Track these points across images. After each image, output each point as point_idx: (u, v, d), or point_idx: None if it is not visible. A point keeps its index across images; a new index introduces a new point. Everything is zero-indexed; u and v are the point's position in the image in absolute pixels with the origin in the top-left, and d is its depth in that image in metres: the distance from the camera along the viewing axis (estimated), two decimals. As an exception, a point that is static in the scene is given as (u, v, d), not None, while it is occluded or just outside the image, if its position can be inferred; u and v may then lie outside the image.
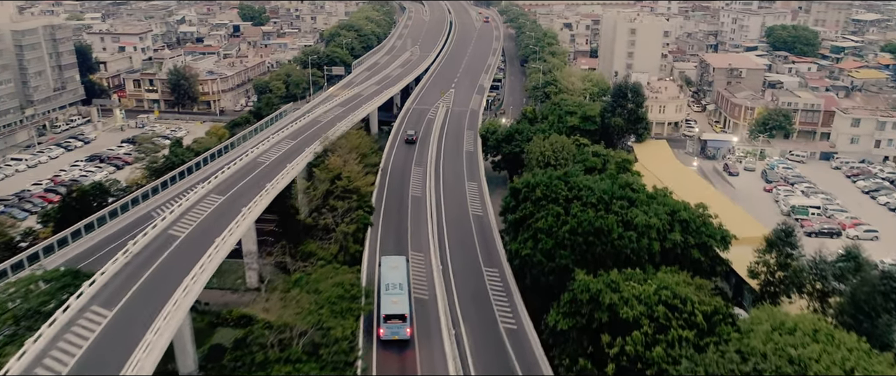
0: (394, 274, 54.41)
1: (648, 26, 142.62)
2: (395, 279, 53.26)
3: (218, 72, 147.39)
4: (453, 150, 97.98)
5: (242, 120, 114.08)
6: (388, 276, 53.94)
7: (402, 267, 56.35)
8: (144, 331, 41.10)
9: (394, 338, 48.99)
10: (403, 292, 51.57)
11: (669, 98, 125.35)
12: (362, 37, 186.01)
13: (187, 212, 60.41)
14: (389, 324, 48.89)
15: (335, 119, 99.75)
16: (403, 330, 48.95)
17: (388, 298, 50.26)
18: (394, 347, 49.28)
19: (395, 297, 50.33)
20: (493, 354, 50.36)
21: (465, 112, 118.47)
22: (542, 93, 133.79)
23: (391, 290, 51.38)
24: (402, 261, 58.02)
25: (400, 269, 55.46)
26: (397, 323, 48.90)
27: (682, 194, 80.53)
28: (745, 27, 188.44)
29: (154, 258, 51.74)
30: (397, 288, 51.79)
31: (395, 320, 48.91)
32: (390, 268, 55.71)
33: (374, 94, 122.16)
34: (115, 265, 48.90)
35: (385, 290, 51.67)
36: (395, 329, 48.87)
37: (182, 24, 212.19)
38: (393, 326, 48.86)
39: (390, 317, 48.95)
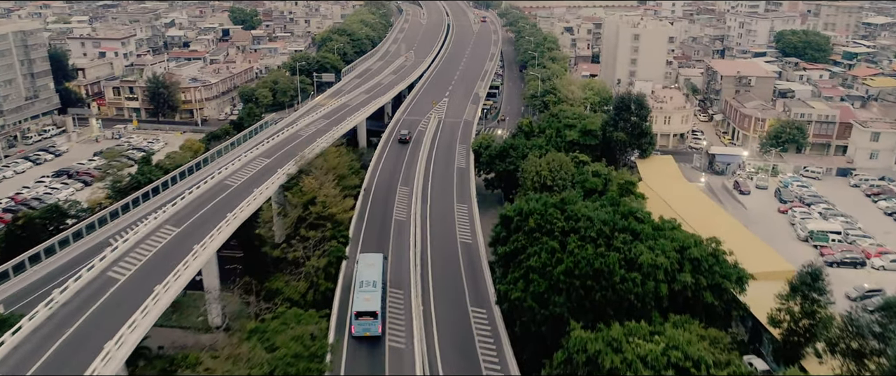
0: (369, 271, 55.06)
1: (653, 32, 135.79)
2: (369, 277, 53.92)
3: (202, 79, 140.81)
4: (443, 167, 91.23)
5: (221, 132, 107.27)
6: (364, 274, 54.60)
7: (379, 264, 56.69)
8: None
9: (365, 335, 49.67)
10: (376, 290, 52.14)
11: (675, 108, 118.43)
12: (355, 41, 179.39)
13: (135, 248, 53.61)
14: (360, 321, 49.57)
15: (317, 133, 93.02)
16: (375, 327, 49.63)
17: (361, 295, 51.20)
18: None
19: (367, 295, 51.11)
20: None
21: (459, 123, 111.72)
22: (540, 102, 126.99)
23: (365, 288, 52.20)
24: (379, 259, 58.19)
25: (376, 267, 56.03)
26: (368, 320, 49.60)
27: (690, 218, 73.91)
28: (753, 32, 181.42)
29: (85, 307, 44.97)
30: (371, 285, 52.49)
31: (366, 317, 49.56)
32: (367, 266, 56.36)
33: (362, 104, 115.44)
34: (37, 319, 42.14)
35: (359, 288, 52.53)
36: (367, 325, 49.58)
37: (171, 28, 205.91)
38: (364, 323, 49.56)
39: (361, 314, 49.58)
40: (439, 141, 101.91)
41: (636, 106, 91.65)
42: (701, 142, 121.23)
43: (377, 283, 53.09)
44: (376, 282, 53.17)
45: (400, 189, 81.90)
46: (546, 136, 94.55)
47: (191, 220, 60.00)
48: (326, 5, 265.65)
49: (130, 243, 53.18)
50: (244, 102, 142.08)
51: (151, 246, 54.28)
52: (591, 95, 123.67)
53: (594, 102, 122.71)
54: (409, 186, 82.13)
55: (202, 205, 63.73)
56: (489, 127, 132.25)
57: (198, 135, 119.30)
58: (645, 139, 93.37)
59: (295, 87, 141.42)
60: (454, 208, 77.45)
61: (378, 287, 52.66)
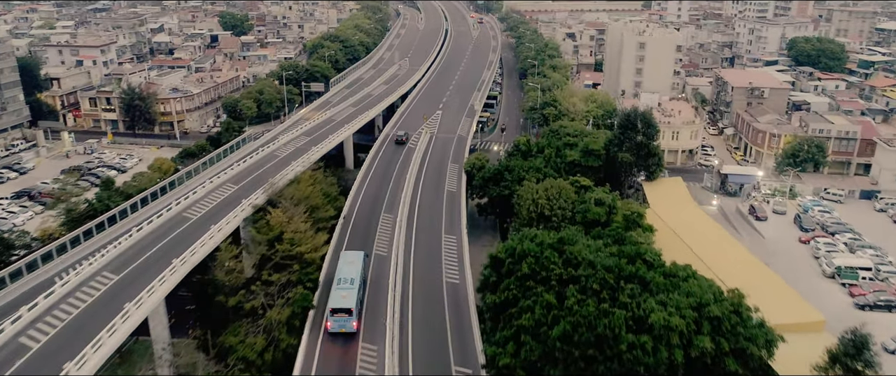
0: (348, 268, 55.62)
1: (659, 40, 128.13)
2: (347, 274, 54.45)
3: (183, 89, 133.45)
4: (432, 190, 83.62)
5: (197, 149, 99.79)
6: (343, 271, 55.26)
7: (359, 262, 57.17)
8: None
9: (341, 331, 50.61)
10: (353, 287, 52.70)
11: (684, 123, 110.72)
12: (348, 48, 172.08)
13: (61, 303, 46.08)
14: (336, 317, 50.49)
15: (295, 153, 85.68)
16: (349, 324, 50.58)
17: (337, 292, 51.98)
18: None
19: (344, 292, 51.90)
20: None
21: (452, 139, 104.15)
22: (539, 115, 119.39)
23: (342, 285, 52.89)
24: (360, 257, 58.53)
25: (355, 264, 56.63)
26: (343, 317, 50.44)
27: (705, 253, 66.31)
28: (763, 38, 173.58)
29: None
30: (348, 282, 53.21)
31: (341, 314, 50.42)
32: (347, 263, 56.88)
33: (349, 118, 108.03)
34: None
35: (336, 285, 53.20)
36: (342, 322, 50.54)
37: (159, 33, 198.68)
38: (339, 319, 50.53)
39: (337, 311, 50.47)
40: (430, 159, 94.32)
41: (643, 124, 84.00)
42: (711, 159, 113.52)
43: (355, 281, 53.64)
44: (354, 280, 53.73)
45: (383, 217, 74.35)
46: (545, 156, 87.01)
47: (133, 266, 52.41)
48: (322, 9, 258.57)
49: (55, 297, 45.58)
50: (228, 114, 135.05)
51: (80, 300, 46.75)
52: (594, 108, 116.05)
53: (597, 116, 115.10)
54: (394, 213, 74.58)
55: (150, 245, 56.26)
56: (486, 141, 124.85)
57: (176, 149, 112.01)
58: (652, 160, 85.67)
59: (281, 97, 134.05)
60: (441, 240, 69.81)
61: (355, 284, 53.17)
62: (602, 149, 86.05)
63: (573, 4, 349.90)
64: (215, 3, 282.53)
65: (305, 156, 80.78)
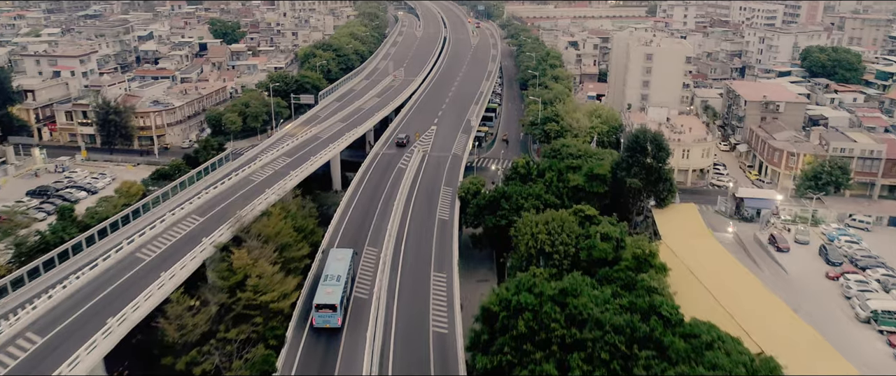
0: (336, 265, 56.48)
1: (668, 51, 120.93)
2: (334, 271, 55.28)
3: (164, 101, 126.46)
4: (423, 218, 76.29)
5: (171, 169, 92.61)
6: (330, 267, 56.20)
7: (347, 260, 57.92)
8: None
9: (325, 326, 51.66)
10: (339, 284, 53.50)
11: (695, 141, 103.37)
12: (341, 57, 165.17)
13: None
14: (320, 313, 51.47)
15: (274, 177, 78.54)
16: (334, 319, 51.55)
17: (323, 288, 52.71)
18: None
19: (329, 288, 52.72)
20: None
21: (446, 159, 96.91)
22: (540, 131, 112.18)
23: (328, 281, 53.70)
24: (348, 254, 59.31)
25: (343, 262, 57.43)
26: (328, 313, 51.40)
27: (726, 297, 58.99)
28: (775, 47, 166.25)
29: None
30: (334, 279, 54.01)
31: (325, 309, 51.36)
32: (335, 260, 57.71)
33: (336, 136, 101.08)
34: None
35: (323, 281, 53.97)
36: (326, 317, 51.54)
37: (148, 41, 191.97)
38: (324, 315, 51.50)
39: (321, 307, 51.37)
40: (421, 182, 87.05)
41: (653, 146, 76.69)
42: (724, 179, 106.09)
43: (341, 278, 54.50)
44: (340, 277, 54.60)
45: (366, 250, 67.10)
46: (546, 181, 79.70)
47: (67, 322, 45.17)
48: (318, 16, 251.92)
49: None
50: (211, 128, 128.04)
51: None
52: (599, 124, 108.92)
53: (602, 132, 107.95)
54: (379, 246, 67.31)
55: (90, 295, 48.96)
56: (483, 158, 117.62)
57: (153, 167, 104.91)
58: (663, 185, 78.33)
59: (268, 110, 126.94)
60: (430, 280, 62.48)
61: (341, 281, 54.08)
62: (608, 173, 78.76)
63: (575, 10, 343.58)
64: (209, 10, 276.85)
65: (282, 182, 73.48)
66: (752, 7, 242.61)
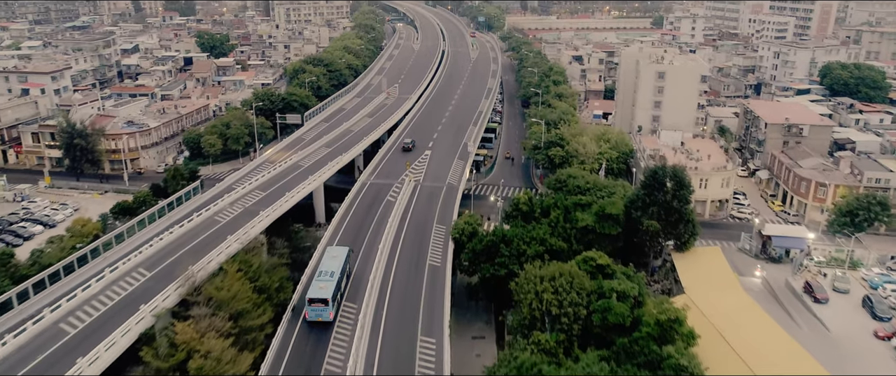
0: (330, 262, 58.40)
1: (681, 69, 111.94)
2: (328, 267, 57.23)
3: (139, 122, 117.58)
4: (411, 264, 66.86)
5: (137, 201, 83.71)
6: (325, 264, 58.24)
7: (342, 257, 59.77)
8: None
9: (318, 320, 53.45)
10: (332, 279, 55.18)
11: (714, 169, 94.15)
12: (332, 73, 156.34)
13: None
14: (313, 307, 53.38)
15: (242, 217, 69.28)
16: (326, 313, 53.49)
17: (316, 283, 54.65)
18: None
19: (322, 283, 54.66)
20: None
21: (440, 190, 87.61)
22: (544, 156, 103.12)
23: (321, 277, 55.50)
24: (344, 252, 61.12)
25: (338, 259, 59.27)
26: (320, 307, 53.34)
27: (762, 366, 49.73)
28: (791, 63, 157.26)
29: None
30: (328, 275, 55.74)
31: (318, 303, 53.28)
32: (330, 258, 59.83)
33: (319, 163, 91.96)
34: None
35: (317, 277, 55.75)
36: (319, 311, 53.48)
37: (133, 54, 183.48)
38: (316, 309, 53.44)
39: (314, 301, 53.28)
40: (411, 219, 77.68)
41: (673, 183, 67.44)
42: (745, 211, 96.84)
43: (335, 274, 56.30)
44: (334, 273, 56.36)
45: (345, 307, 57.79)
46: (551, 220, 70.37)
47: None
48: (313, 28, 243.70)
49: None
50: (190, 151, 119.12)
51: None
52: (607, 150, 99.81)
53: (611, 159, 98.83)
54: (358, 301, 57.98)
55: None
56: (481, 185, 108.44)
57: (122, 196, 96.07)
58: (684, 227, 69.00)
59: (251, 131, 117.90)
60: (416, 347, 52.98)
61: (334, 277, 55.79)
62: (621, 213, 69.47)
63: (578, 22, 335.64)
64: (202, 21, 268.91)
65: (249, 225, 64.10)
66: (762, 19, 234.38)
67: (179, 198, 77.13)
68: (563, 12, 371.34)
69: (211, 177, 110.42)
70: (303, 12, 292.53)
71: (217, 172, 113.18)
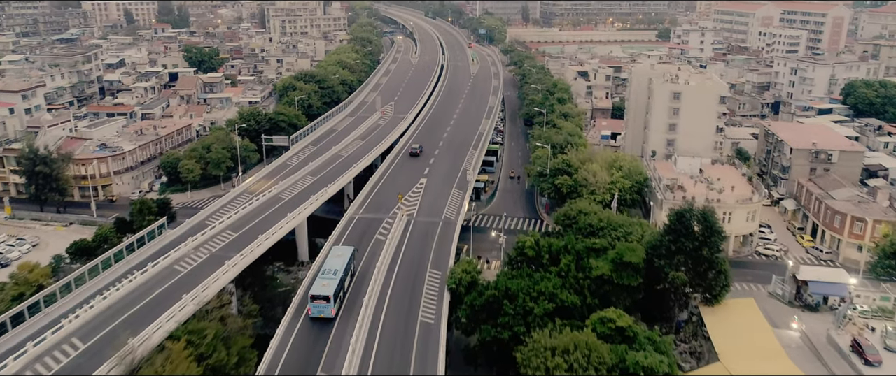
0: (334, 261, 61.56)
1: (698, 89, 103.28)
2: (332, 266, 60.23)
3: (113, 145, 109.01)
4: (400, 324, 57.81)
5: (98, 238, 74.83)
6: (329, 263, 61.41)
7: (346, 256, 62.88)
8: None
9: (320, 316, 55.59)
10: (335, 278, 57.69)
11: (739, 201, 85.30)
12: (325, 90, 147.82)
13: None
14: (315, 303, 55.67)
15: (206, 266, 60.45)
16: (328, 310, 55.61)
17: (320, 281, 57.32)
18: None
19: (325, 281, 57.16)
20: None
21: (436, 226, 78.79)
22: (549, 185, 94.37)
23: (325, 275, 58.26)
24: (349, 252, 64.57)
25: (343, 258, 62.38)
26: (322, 303, 55.63)
27: None
28: (809, 80, 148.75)
29: None
30: (331, 273, 58.50)
31: (320, 300, 55.63)
32: (335, 257, 62.99)
33: (301, 198, 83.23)
34: None
35: (321, 274, 58.74)
36: (321, 308, 55.68)
37: (119, 69, 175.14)
38: (318, 305, 55.69)
39: (316, 297, 55.70)
40: (402, 263, 68.80)
41: (703, 228, 58.56)
42: (772, 247, 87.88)
43: (338, 272, 58.80)
44: (337, 271, 58.98)
45: (320, 375, 49.01)
46: (561, 269, 61.50)
47: None
48: (309, 40, 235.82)
49: None
50: (168, 176, 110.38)
51: None
52: (620, 179, 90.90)
53: (624, 188, 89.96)
54: (338, 369, 49.08)
55: None
56: (481, 216, 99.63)
57: (87, 230, 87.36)
58: (715, 277, 60.06)
59: (234, 154, 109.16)
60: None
61: (338, 275, 58.20)
62: (642, 261, 60.56)
63: (581, 35, 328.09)
64: (195, 34, 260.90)
65: (207, 282, 55.02)
66: (772, 32, 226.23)
67: (141, 239, 68.36)
68: (565, 24, 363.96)
69: (190, 205, 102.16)
70: (299, 24, 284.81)
71: (196, 200, 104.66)
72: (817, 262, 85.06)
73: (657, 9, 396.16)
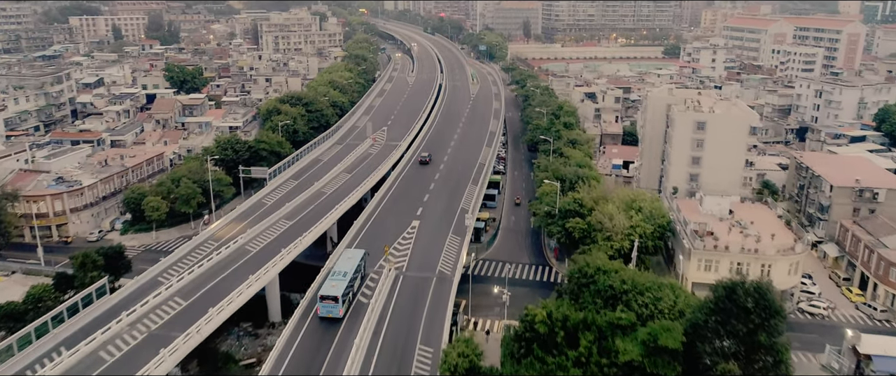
0: (345, 263, 63.57)
1: (725, 119, 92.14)
2: (342, 267, 62.35)
3: (70, 179, 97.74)
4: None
5: (31, 299, 63.39)
6: (339, 265, 63.52)
7: (356, 259, 64.67)
8: None
9: (328, 316, 57.61)
10: (344, 279, 59.74)
11: (780, 251, 73.68)
12: (312, 114, 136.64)
13: None
14: (324, 303, 57.86)
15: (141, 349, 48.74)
16: (336, 310, 57.61)
17: (329, 282, 59.62)
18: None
19: (334, 282, 59.37)
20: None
21: (428, 283, 67.23)
22: (559, 227, 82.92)
23: (334, 276, 60.42)
24: (359, 255, 66.35)
25: (353, 260, 64.36)
26: (330, 303, 57.70)
27: None
28: (835, 103, 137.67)
29: None
30: (341, 275, 60.55)
31: (328, 300, 57.73)
32: (345, 259, 65.06)
33: (271, 249, 71.58)
34: None
35: (330, 276, 60.97)
36: (329, 307, 57.75)
37: (98, 88, 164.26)
38: (327, 305, 57.80)
39: (325, 297, 57.87)
40: (386, 337, 57.02)
41: (757, 307, 46.89)
42: (818, 304, 76.09)
43: (347, 274, 60.65)
44: (347, 273, 60.77)
45: None
46: (581, 353, 49.80)
47: None
48: (301, 57, 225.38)
49: None
50: (132, 213, 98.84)
51: None
52: (640, 222, 79.34)
53: (645, 234, 78.38)
54: None
55: None
56: (480, 261, 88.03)
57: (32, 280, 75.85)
58: (773, 368, 48.26)
59: (206, 188, 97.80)
60: None
61: (347, 277, 60.10)
62: (680, 344, 48.88)
63: (583, 51, 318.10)
64: (183, 50, 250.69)
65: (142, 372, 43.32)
66: (786, 50, 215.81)
67: (73, 307, 56.91)
68: (568, 40, 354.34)
69: (154, 247, 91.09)
70: (293, 40, 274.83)
71: (161, 241, 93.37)
72: (871, 322, 73.53)
73: (661, 24, 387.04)
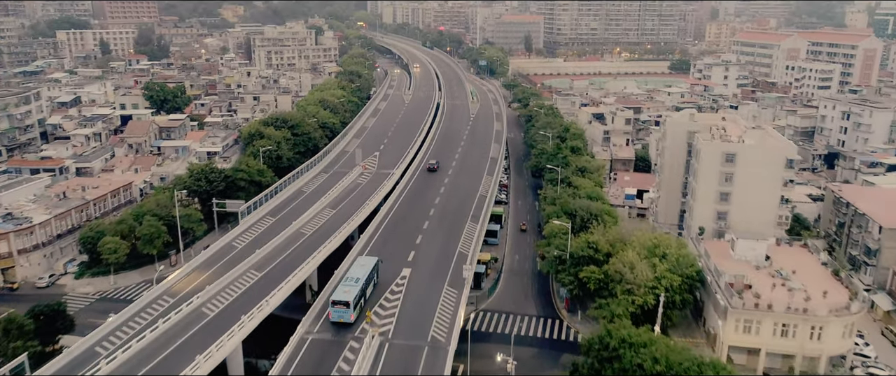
0: (358, 270, 64.91)
1: (758, 151, 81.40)
2: (354, 274, 63.61)
3: (20, 216, 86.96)
4: None
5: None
6: (352, 271, 64.86)
7: (369, 266, 65.99)
8: None
9: (340, 321, 58.49)
10: (356, 285, 60.98)
11: (832, 311, 62.71)
12: (299, 137, 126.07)
13: None
14: (336, 308, 58.65)
15: None
16: (347, 315, 58.47)
17: (341, 288, 60.78)
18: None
19: (347, 288, 60.48)
20: None
21: (419, 353, 56.24)
22: (571, 276, 72.08)
23: (347, 282, 61.76)
24: (372, 262, 67.71)
25: (366, 267, 65.76)
26: (342, 308, 58.49)
27: None
28: (865, 126, 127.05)
29: None
30: (353, 281, 61.84)
31: (340, 305, 58.54)
32: (358, 266, 66.24)
33: (234, 308, 60.57)
34: None
35: (343, 282, 62.24)
36: (340, 313, 58.55)
37: (72, 108, 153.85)
38: (338, 310, 58.59)
39: (336, 303, 58.64)
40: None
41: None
42: (879, 373, 64.94)
43: (359, 281, 61.76)
44: (359, 280, 61.94)
45: None
46: None
47: None
48: (293, 73, 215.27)
49: None
50: (88, 254, 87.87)
51: None
52: (666, 272, 68.36)
53: (673, 287, 67.39)
54: None
55: None
56: (481, 311, 77.05)
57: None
58: None
59: (173, 225, 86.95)
60: None
61: (359, 283, 61.25)
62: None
63: (586, 65, 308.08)
64: (171, 66, 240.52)
65: None
66: (801, 66, 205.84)
67: None
68: (570, 54, 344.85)
69: (111, 294, 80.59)
70: (286, 55, 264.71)
71: (120, 287, 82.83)
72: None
73: (666, 38, 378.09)
